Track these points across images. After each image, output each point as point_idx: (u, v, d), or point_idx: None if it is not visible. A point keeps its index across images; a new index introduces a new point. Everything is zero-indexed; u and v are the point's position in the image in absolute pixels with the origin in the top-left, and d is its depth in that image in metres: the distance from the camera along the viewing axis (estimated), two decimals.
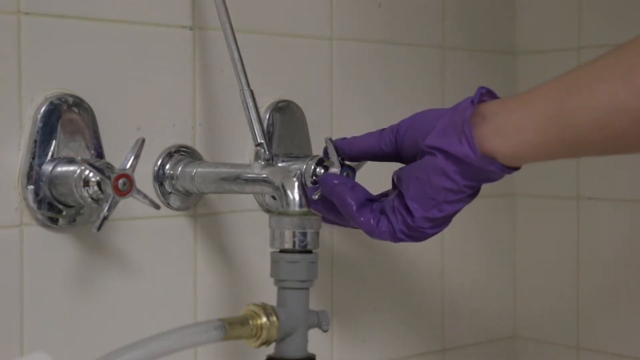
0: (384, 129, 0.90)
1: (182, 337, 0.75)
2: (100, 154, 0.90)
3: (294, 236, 0.81)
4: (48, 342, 0.88)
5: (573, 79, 0.78)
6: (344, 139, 0.93)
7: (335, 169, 0.92)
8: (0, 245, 0.86)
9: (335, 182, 0.90)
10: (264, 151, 0.89)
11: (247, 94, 0.91)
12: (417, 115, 0.88)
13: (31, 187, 0.86)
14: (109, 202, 0.82)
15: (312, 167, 0.97)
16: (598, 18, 1.24)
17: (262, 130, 0.90)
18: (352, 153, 0.92)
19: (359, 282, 1.14)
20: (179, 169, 0.95)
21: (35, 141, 0.86)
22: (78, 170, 0.84)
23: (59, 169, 0.86)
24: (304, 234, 0.81)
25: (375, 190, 0.91)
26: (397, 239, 0.87)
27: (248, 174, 0.88)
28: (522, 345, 1.33)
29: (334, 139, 0.93)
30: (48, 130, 0.87)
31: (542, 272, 1.31)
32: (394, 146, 0.89)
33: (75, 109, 0.89)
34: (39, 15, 0.87)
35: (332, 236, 1.11)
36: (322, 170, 0.96)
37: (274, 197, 0.96)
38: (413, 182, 0.84)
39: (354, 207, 0.88)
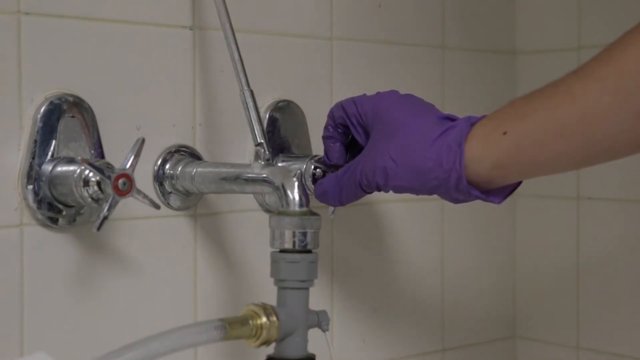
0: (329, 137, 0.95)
1: (182, 337, 0.75)
2: (100, 154, 0.90)
3: (294, 236, 0.81)
4: (48, 342, 0.88)
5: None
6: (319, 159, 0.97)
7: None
8: (0, 245, 0.86)
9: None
10: (264, 151, 0.89)
11: (247, 94, 0.91)
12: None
13: (31, 187, 0.86)
14: (109, 202, 0.82)
15: (312, 167, 0.97)
16: (598, 18, 1.24)
17: (262, 130, 0.90)
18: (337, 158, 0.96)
19: (359, 282, 1.14)
20: (179, 169, 0.95)
21: (35, 141, 0.86)
22: (78, 170, 0.84)
23: (59, 169, 0.86)
24: (304, 234, 0.81)
25: None
26: None
27: (248, 174, 0.88)
28: (522, 345, 1.33)
29: None
30: (48, 130, 0.87)
31: (542, 272, 1.31)
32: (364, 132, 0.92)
33: (75, 109, 0.89)
34: (39, 15, 0.87)
35: (332, 236, 1.11)
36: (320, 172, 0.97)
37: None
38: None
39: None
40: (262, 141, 0.90)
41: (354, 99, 0.92)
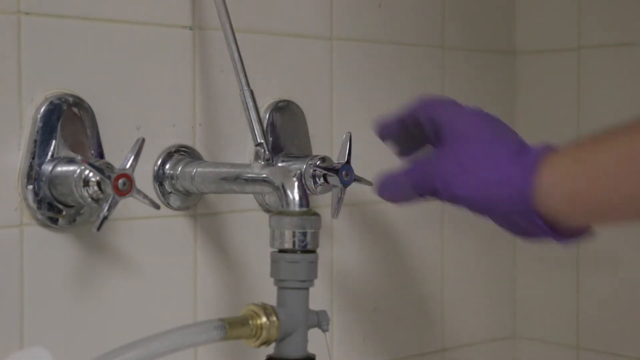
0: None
1: (182, 337, 0.76)
2: (100, 154, 0.90)
3: (294, 236, 0.81)
4: (48, 342, 0.88)
5: None
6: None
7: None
8: (0, 245, 0.86)
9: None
10: (264, 151, 0.89)
11: (247, 94, 0.91)
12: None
13: (31, 187, 0.86)
14: (109, 202, 0.82)
15: (312, 167, 0.97)
16: (598, 18, 1.24)
17: (262, 130, 0.90)
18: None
19: (359, 282, 1.14)
20: (179, 169, 0.95)
21: (35, 141, 0.86)
22: (78, 170, 0.84)
23: (59, 169, 0.86)
24: (304, 234, 0.81)
25: None
26: None
27: (248, 174, 0.88)
28: (522, 345, 1.33)
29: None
30: (48, 130, 0.87)
31: (542, 272, 1.31)
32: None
33: (75, 109, 0.89)
34: (39, 15, 0.87)
35: (332, 236, 1.11)
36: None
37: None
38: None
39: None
40: (262, 141, 0.90)
41: (444, 102, 0.88)
